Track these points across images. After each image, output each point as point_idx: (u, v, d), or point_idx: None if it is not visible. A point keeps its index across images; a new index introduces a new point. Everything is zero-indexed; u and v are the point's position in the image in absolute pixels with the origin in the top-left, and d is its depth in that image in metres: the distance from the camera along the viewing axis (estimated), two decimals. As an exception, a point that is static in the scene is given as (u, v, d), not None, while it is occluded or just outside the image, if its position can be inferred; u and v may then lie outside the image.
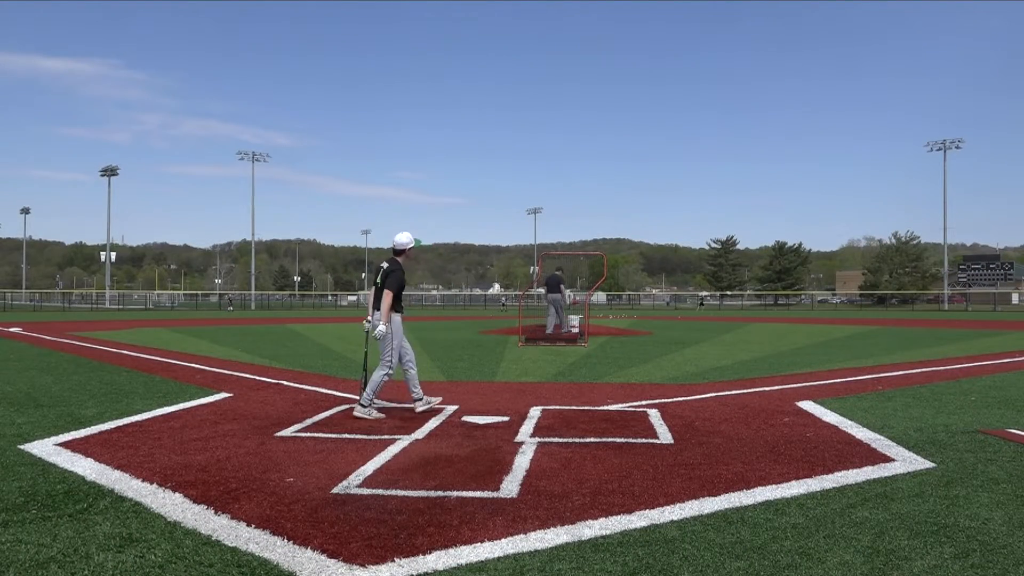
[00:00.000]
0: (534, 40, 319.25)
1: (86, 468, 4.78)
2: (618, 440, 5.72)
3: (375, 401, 6.95)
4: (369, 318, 6.98)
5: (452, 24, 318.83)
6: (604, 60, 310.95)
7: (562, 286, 18.35)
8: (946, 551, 3.30)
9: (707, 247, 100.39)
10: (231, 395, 8.28)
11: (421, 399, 7.04)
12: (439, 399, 7.39)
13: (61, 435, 5.87)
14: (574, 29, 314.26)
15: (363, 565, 3.12)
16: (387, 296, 6.78)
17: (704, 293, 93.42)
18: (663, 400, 7.85)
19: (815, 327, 26.76)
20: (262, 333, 22.30)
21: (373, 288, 6.99)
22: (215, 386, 9.08)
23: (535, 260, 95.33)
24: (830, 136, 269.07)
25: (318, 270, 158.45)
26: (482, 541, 3.41)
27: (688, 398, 8.02)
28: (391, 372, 6.85)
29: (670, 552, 3.28)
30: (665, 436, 5.87)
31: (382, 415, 6.80)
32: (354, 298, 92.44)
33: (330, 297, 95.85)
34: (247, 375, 10.40)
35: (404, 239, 7.07)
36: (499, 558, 3.21)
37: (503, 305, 72.58)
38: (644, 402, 7.70)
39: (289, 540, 3.42)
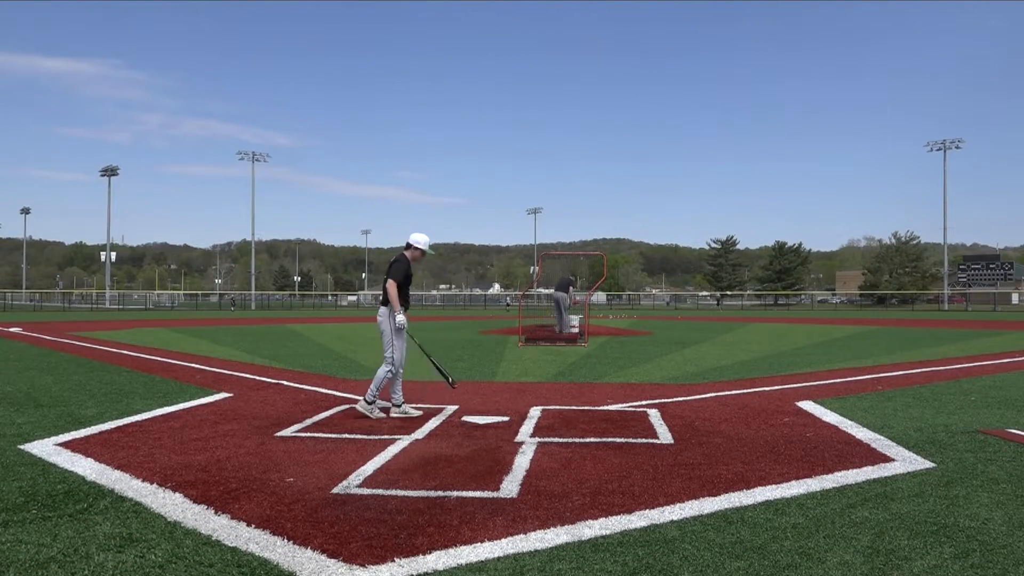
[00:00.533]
0: (534, 40, 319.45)
1: (86, 468, 4.78)
2: (618, 440, 5.72)
3: (378, 401, 6.91)
4: (398, 314, 6.92)
5: (452, 24, 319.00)
6: (604, 60, 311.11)
7: (571, 288, 18.78)
8: (946, 551, 3.30)
9: (707, 247, 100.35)
10: (231, 395, 8.28)
11: (400, 405, 6.86)
12: (419, 413, 6.89)
13: (61, 435, 5.87)
14: (574, 29, 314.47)
15: (363, 565, 3.12)
16: (390, 286, 6.76)
17: (704, 293, 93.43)
18: (663, 400, 7.85)
19: (815, 327, 26.76)
20: (262, 333, 22.30)
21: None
22: (215, 386, 9.08)
23: (535, 260, 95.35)
24: (830, 136, 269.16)
25: (318, 270, 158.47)
26: (482, 541, 3.41)
27: (688, 398, 8.02)
28: (394, 368, 6.79)
29: (670, 552, 3.28)
30: (665, 436, 5.87)
31: (383, 415, 6.75)
32: (354, 298, 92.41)
33: (330, 297, 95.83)
34: (247, 375, 10.40)
35: (416, 237, 7.05)
36: (499, 558, 3.21)
37: (507, 305, 72.28)
38: (644, 402, 7.70)
39: (289, 540, 3.42)
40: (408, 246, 7.06)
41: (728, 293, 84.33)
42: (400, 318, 6.72)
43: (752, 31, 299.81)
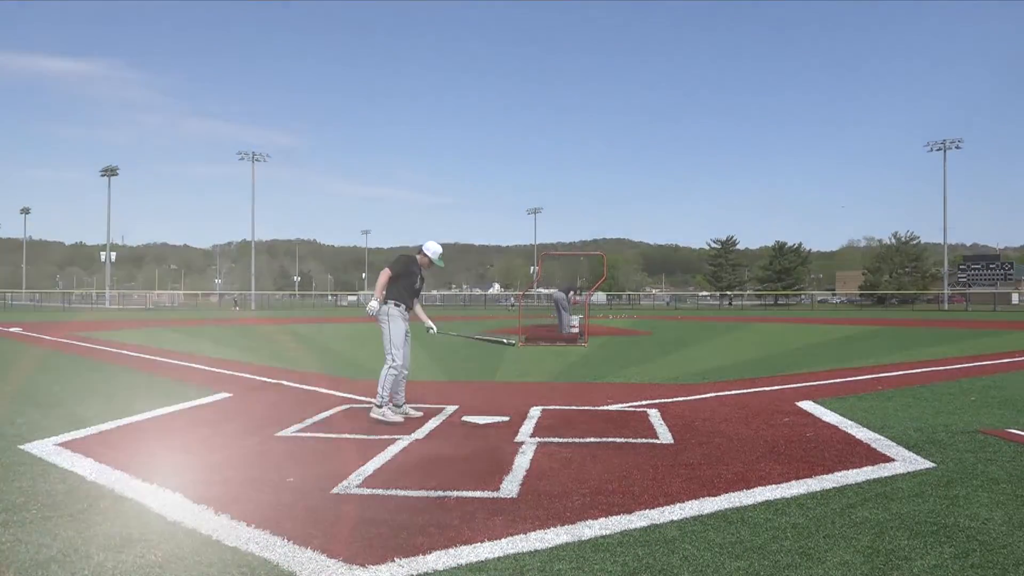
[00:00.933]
0: (535, 40, 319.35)
1: (86, 468, 4.78)
2: (618, 440, 5.72)
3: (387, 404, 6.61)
4: (372, 300, 6.73)
5: (453, 24, 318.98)
6: (604, 60, 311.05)
7: (571, 293, 18.86)
8: (946, 551, 3.30)
9: (707, 247, 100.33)
10: (231, 395, 8.27)
11: (400, 406, 6.71)
12: (420, 413, 6.81)
13: (61, 435, 5.87)
14: (575, 29, 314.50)
15: (363, 565, 3.12)
16: (383, 273, 6.68)
17: (704, 293, 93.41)
18: (663, 400, 7.84)
19: (815, 327, 26.75)
20: (262, 333, 22.30)
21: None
22: (215, 386, 9.07)
23: (535, 260, 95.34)
24: (830, 136, 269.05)
25: (318, 270, 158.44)
26: (482, 541, 3.41)
27: (688, 398, 8.02)
28: (394, 366, 6.59)
29: (670, 552, 3.28)
30: (665, 436, 5.87)
31: (399, 419, 6.46)
32: (354, 298, 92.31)
33: (330, 297, 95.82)
34: (247, 375, 10.40)
35: (428, 244, 6.96)
36: (499, 558, 3.21)
37: (511, 304, 71.67)
38: (644, 402, 7.70)
39: (289, 540, 3.42)
40: (420, 251, 7.00)
41: (729, 293, 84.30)
42: (373, 303, 6.59)
43: (752, 31, 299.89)
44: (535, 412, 7.01)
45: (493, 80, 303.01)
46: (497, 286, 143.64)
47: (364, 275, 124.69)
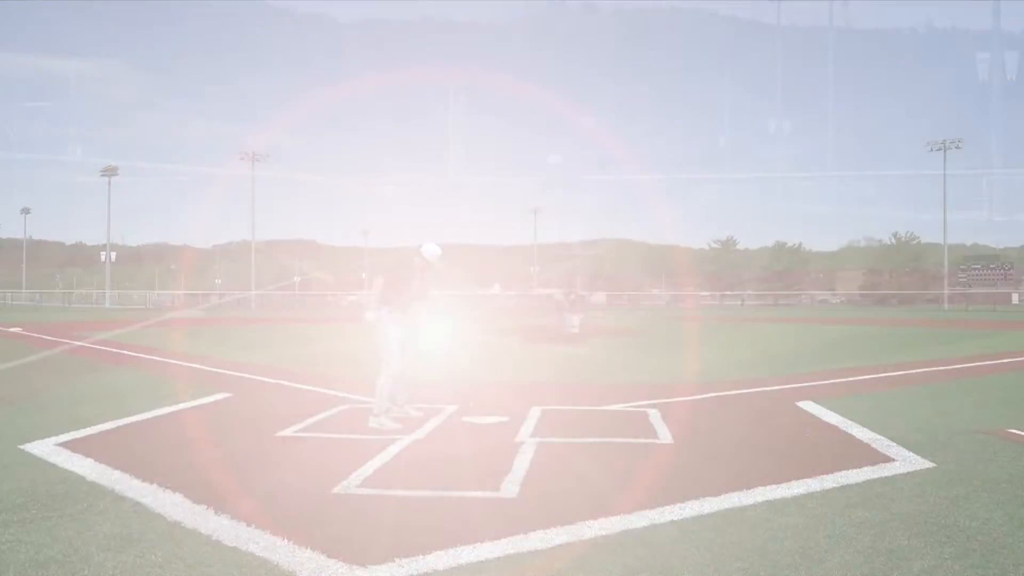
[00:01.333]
0: (533, 38, 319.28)
1: (86, 468, 4.78)
2: (618, 440, 5.72)
3: (384, 416, 6.44)
4: (367, 311, 6.62)
5: (452, 23, 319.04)
6: (604, 59, 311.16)
7: (571, 296, 18.88)
8: (946, 551, 3.30)
9: (707, 247, 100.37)
10: (231, 395, 8.27)
11: (401, 406, 6.59)
12: (419, 413, 6.69)
13: (61, 435, 5.86)
14: (574, 28, 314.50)
15: (363, 565, 3.13)
16: (375, 282, 6.57)
17: (704, 293, 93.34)
18: (663, 400, 7.84)
19: (815, 327, 26.74)
20: (262, 333, 22.30)
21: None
22: (215, 386, 9.07)
23: (535, 260, 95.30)
24: (830, 135, 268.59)
25: (318, 270, 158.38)
26: (482, 541, 3.41)
27: (688, 398, 8.01)
28: (391, 373, 6.48)
29: (670, 552, 3.28)
30: (665, 436, 5.87)
31: (398, 424, 6.33)
32: (354, 298, 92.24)
33: (330, 297, 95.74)
34: (247, 375, 10.39)
35: (425, 247, 6.76)
36: (499, 558, 3.21)
37: (514, 305, 71.20)
38: (644, 402, 7.70)
39: (289, 540, 3.42)
40: (418, 252, 6.83)
41: (729, 293, 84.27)
42: (368, 315, 6.47)
43: (752, 31, 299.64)
44: (535, 412, 7.00)
45: (493, 79, 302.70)
46: (497, 286, 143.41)
47: (364, 275, 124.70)
